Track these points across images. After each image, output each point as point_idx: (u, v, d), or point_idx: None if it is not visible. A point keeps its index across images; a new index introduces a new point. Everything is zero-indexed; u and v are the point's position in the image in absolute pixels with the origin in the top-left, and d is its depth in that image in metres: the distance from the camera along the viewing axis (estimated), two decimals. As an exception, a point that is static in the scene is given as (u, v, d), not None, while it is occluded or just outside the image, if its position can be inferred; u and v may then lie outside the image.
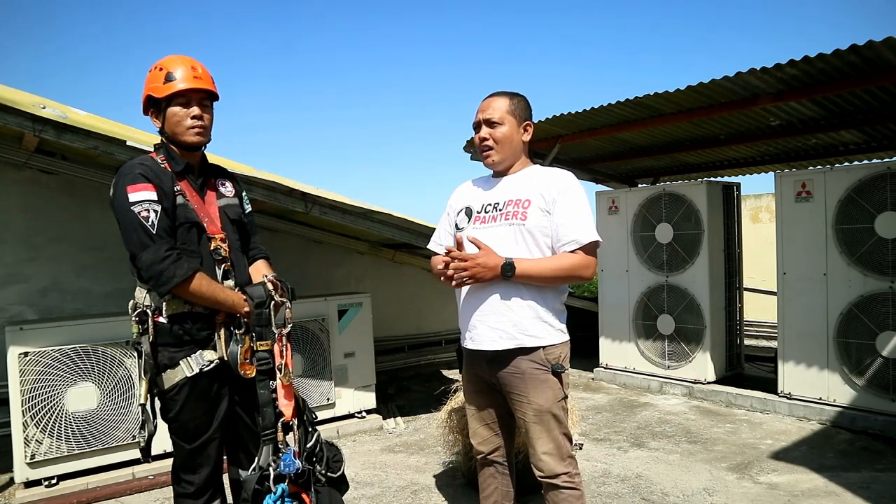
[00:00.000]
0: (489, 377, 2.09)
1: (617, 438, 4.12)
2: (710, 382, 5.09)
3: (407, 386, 5.84)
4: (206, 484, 1.96)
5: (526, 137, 2.13)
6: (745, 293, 5.74)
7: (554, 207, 1.99)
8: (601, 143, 5.93)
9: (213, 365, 1.91)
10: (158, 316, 1.88)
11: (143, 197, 1.82)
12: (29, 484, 3.31)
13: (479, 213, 2.12)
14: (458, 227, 2.17)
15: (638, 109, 4.82)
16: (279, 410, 1.94)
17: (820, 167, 4.97)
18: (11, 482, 3.40)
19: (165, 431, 1.96)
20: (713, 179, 5.33)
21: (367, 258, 6.06)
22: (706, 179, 5.21)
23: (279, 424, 1.94)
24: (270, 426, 1.92)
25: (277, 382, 1.95)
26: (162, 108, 1.94)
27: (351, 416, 4.47)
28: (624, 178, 7.44)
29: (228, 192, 2.13)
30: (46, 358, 3.29)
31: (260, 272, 2.13)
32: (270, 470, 1.86)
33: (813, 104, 4.53)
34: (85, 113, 3.23)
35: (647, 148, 6.15)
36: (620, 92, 7.71)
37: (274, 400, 1.94)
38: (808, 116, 4.88)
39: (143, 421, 1.90)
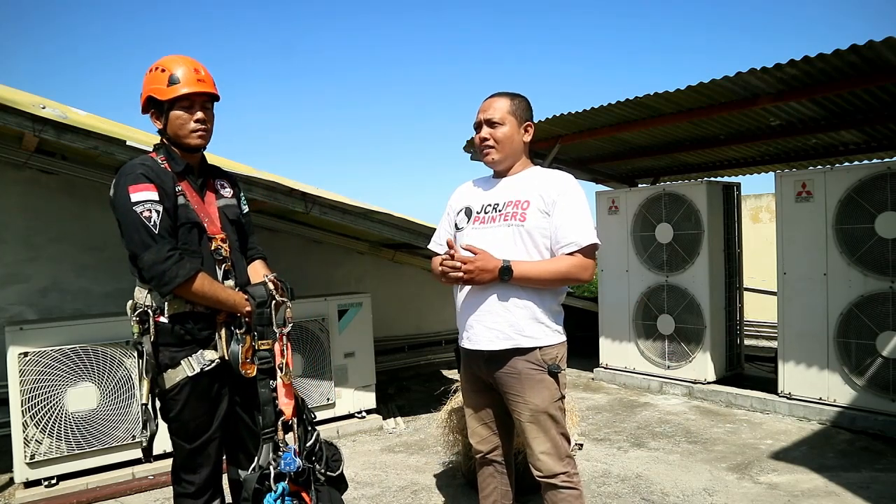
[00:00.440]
0: (486, 377, 2.09)
1: (617, 438, 4.12)
2: (710, 382, 5.09)
3: (407, 386, 5.84)
4: (206, 484, 1.96)
5: (526, 138, 2.14)
6: (745, 293, 5.74)
7: (553, 209, 2.00)
8: (601, 143, 5.93)
9: (214, 364, 1.92)
10: (160, 316, 1.88)
11: (145, 197, 1.83)
12: (29, 484, 3.31)
13: (478, 213, 2.12)
14: (457, 226, 2.17)
15: (638, 109, 4.82)
16: (279, 409, 1.95)
17: (820, 167, 4.97)
18: (11, 482, 3.40)
19: (165, 431, 1.96)
20: (713, 179, 5.33)
21: (367, 258, 6.06)
22: (706, 179, 5.21)
23: (279, 423, 1.94)
24: (271, 425, 1.93)
25: (278, 381, 1.95)
26: (164, 110, 1.94)
27: (351, 416, 4.47)
28: (624, 178, 7.44)
29: (227, 192, 2.13)
30: (46, 358, 3.29)
31: (259, 272, 2.14)
32: (271, 468, 1.87)
33: (813, 104, 4.53)
34: (85, 113, 3.23)
35: (647, 148, 6.15)
36: (620, 92, 7.71)
37: (274, 399, 1.95)
38: (808, 116, 4.88)
39: (144, 421, 1.91)
